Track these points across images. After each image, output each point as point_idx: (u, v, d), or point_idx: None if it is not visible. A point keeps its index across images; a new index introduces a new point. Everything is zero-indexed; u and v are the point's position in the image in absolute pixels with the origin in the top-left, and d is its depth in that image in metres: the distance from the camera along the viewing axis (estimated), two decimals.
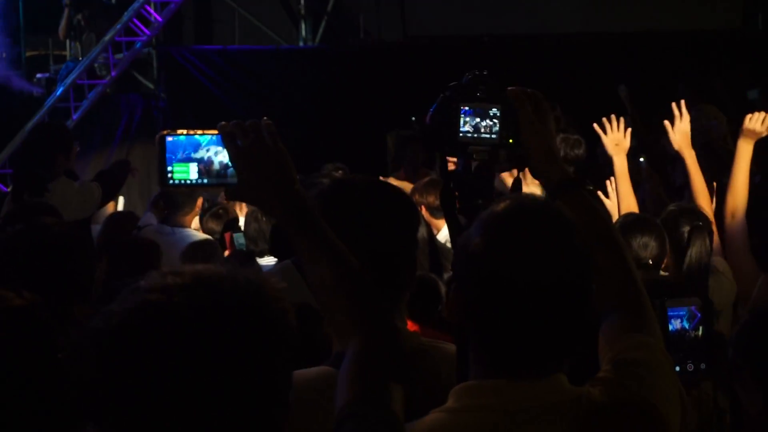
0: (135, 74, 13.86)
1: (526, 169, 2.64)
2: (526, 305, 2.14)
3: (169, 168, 2.33)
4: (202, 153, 2.33)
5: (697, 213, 5.23)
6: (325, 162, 8.58)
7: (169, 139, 2.33)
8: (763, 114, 5.50)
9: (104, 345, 1.67)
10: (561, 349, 2.21)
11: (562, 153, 6.84)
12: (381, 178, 7.57)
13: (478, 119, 2.51)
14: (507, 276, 2.13)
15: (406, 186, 7.34)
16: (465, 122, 2.51)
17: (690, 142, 5.75)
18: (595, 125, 5.94)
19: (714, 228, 5.23)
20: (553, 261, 2.15)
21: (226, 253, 6.42)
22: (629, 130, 5.93)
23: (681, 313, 3.39)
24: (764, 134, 5.53)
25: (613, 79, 11.21)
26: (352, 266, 2.20)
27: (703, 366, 3.35)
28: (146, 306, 1.67)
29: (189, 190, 2.61)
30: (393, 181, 7.71)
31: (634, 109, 11.01)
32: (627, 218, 5.10)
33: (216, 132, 2.31)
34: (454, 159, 2.58)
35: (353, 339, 2.12)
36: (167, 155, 2.32)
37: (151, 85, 13.70)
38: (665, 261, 5.00)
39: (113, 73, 13.09)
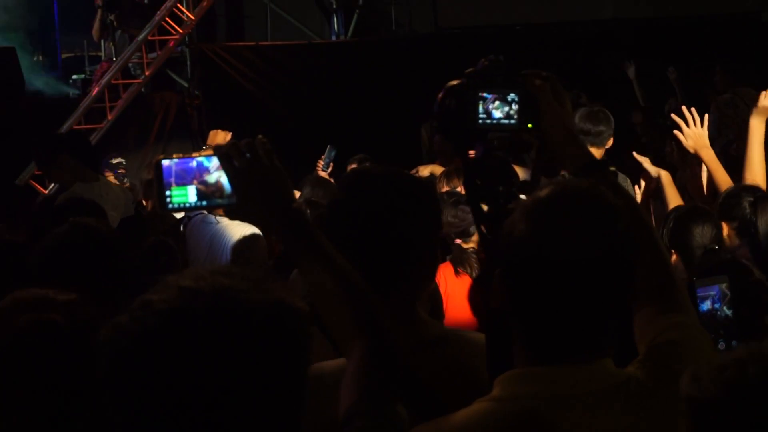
0: (169, 72, 13.91)
1: None
2: (572, 290, 2.14)
3: (168, 192, 2.34)
4: (202, 175, 2.34)
5: (756, 188, 5.21)
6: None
7: (166, 163, 2.34)
8: None
9: (111, 364, 1.69)
10: (606, 333, 2.21)
11: (580, 128, 6.77)
12: (418, 168, 7.57)
13: (496, 105, 2.51)
14: (553, 261, 2.13)
15: (435, 170, 7.33)
16: (484, 109, 2.50)
17: (707, 142, 5.71)
18: (674, 116, 5.81)
19: None
20: (599, 245, 2.14)
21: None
22: (706, 120, 5.83)
23: (712, 292, 3.37)
24: None
25: (649, 65, 11.16)
26: (352, 274, 2.23)
27: (734, 344, 3.33)
28: (155, 331, 1.67)
29: (190, 212, 2.62)
30: (427, 170, 7.66)
31: (683, 91, 10.97)
32: (681, 209, 5.09)
33: (212, 153, 2.32)
34: (472, 151, 2.58)
35: (356, 343, 2.14)
36: (167, 178, 2.34)
37: (185, 83, 13.75)
38: (730, 241, 4.98)
39: (147, 73, 13.14)
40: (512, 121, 2.52)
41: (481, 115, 2.50)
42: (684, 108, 5.76)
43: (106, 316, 1.79)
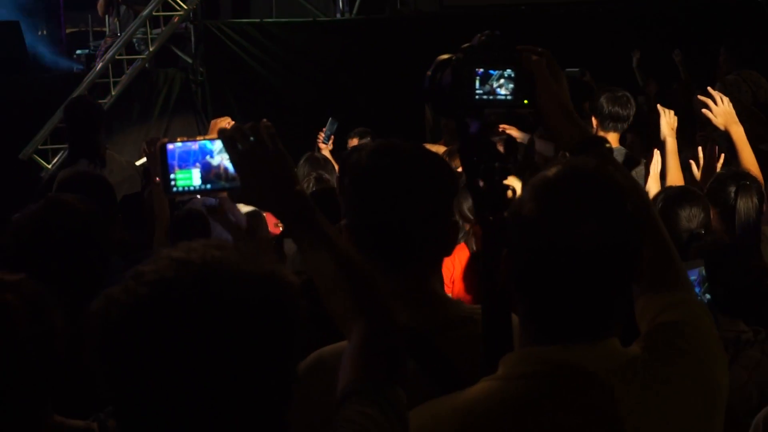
0: (173, 49, 13.89)
1: None
2: (579, 269, 2.13)
3: (172, 176, 2.35)
4: (211, 159, 2.34)
5: (746, 175, 5.19)
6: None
7: (170, 147, 2.34)
8: None
9: (102, 335, 1.69)
10: (614, 313, 2.20)
11: (610, 112, 6.76)
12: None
13: (493, 81, 2.50)
14: (561, 241, 2.13)
15: (438, 149, 7.31)
16: (480, 84, 2.50)
17: (736, 118, 5.68)
18: (701, 98, 5.80)
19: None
20: (607, 226, 2.14)
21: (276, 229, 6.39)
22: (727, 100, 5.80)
23: (692, 276, 3.37)
24: None
25: (654, 46, 11.14)
26: (353, 256, 2.24)
27: None
28: (146, 301, 1.68)
29: (192, 196, 2.63)
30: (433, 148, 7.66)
31: (688, 73, 10.96)
32: (669, 191, 5.07)
33: (216, 137, 2.32)
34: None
35: (356, 324, 2.15)
36: (171, 161, 2.34)
37: (189, 60, 13.72)
38: (715, 226, 4.98)
39: (151, 48, 13.12)
40: (508, 97, 2.51)
41: (477, 91, 2.49)
42: (709, 88, 5.75)
43: (64, 296, 1.79)
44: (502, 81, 2.50)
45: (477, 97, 2.49)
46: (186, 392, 1.66)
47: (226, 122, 7.25)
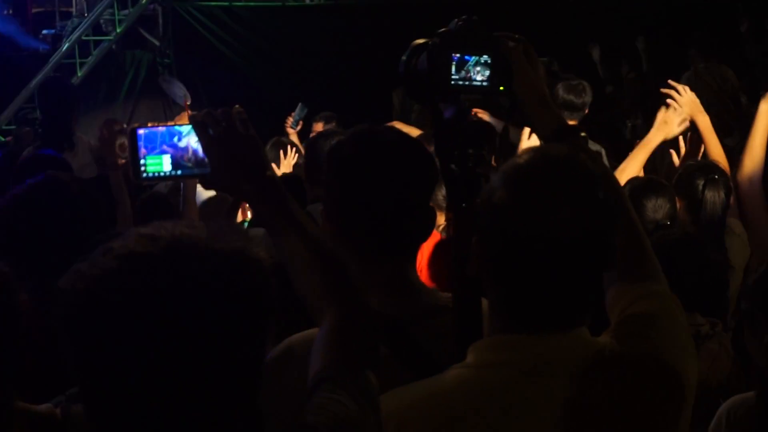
0: (141, 30, 13.81)
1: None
2: (551, 258, 2.11)
3: (142, 161, 2.33)
4: (179, 143, 2.32)
5: (714, 168, 5.19)
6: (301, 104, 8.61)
7: (141, 132, 2.32)
8: None
9: (69, 308, 1.66)
10: (584, 302, 2.19)
11: (566, 99, 6.80)
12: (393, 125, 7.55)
13: (469, 67, 2.48)
14: (532, 228, 2.11)
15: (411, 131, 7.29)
16: (456, 69, 2.47)
17: (701, 108, 5.68)
18: (665, 90, 5.78)
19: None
20: (579, 213, 2.12)
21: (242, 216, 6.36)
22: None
23: None
24: None
25: (622, 36, 11.17)
26: (325, 244, 2.23)
27: None
28: (113, 273, 1.65)
29: (163, 181, 2.61)
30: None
31: (650, 63, 10.99)
32: (635, 182, 5.06)
33: (187, 122, 2.30)
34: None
35: (328, 312, 2.13)
36: (142, 147, 2.32)
37: (156, 42, 13.66)
38: (681, 218, 4.98)
39: (118, 30, 13.05)
40: (484, 84, 2.49)
41: (453, 77, 2.47)
42: (670, 81, 5.74)
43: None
44: (478, 67, 2.48)
45: (453, 82, 2.47)
46: (152, 368, 1.63)
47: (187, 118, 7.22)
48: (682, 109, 5.61)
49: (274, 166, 7.16)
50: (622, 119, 9.58)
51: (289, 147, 7.56)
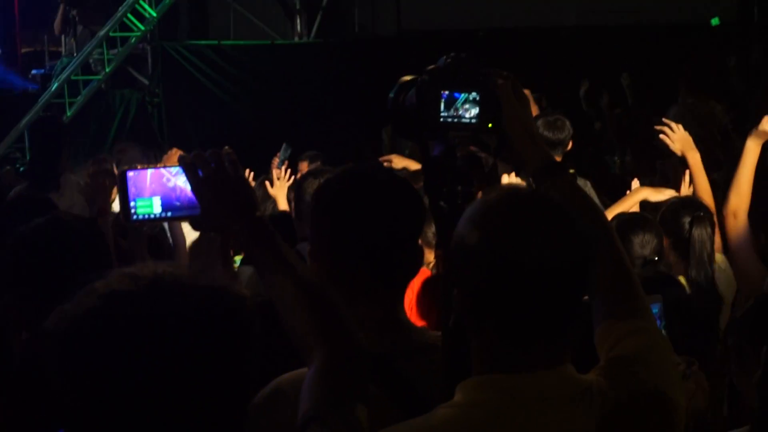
0: (130, 70, 13.84)
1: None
2: (533, 296, 2.11)
3: (132, 203, 2.33)
4: (168, 185, 2.33)
5: (698, 204, 5.20)
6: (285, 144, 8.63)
7: (131, 174, 2.32)
8: None
9: (53, 348, 1.67)
10: (566, 337, 2.18)
11: (543, 135, 6.83)
12: (392, 157, 7.56)
13: (458, 104, 2.48)
14: (510, 266, 2.10)
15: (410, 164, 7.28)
16: (445, 106, 2.48)
17: (693, 145, 5.73)
18: (658, 127, 5.85)
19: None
20: (555, 247, 2.11)
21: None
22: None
23: (653, 310, 3.36)
24: None
25: (609, 72, 11.22)
26: (314, 283, 2.23)
27: None
28: (96, 312, 1.66)
29: (153, 224, 2.62)
30: (402, 162, 7.62)
31: (635, 99, 11.04)
32: (622, 217, 5.06)
33: (176, 163, 2.30)
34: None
35: (317, 350, 2.13)
36: (131, 190, 2.32)
37: (146, 81, 13.68)
38: (668, 256, 4.98)
39: (108, 69, 13.07)
40: (473, 121, 2.49)
41: (442, 114, 2.47)
42: (664, 119, 5.80)
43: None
44: (467, 104, 2.48)
45: (441, 119, 2.48)
46: (137, 405, 1.64)
47: (180, 152, 7.22)
48: (674, 145, 5.66)
49: (267, 184, 7.19)
50: (609, 154, 9.60)
51: (281, 172, 7.57)
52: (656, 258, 4.81)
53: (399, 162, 7.47)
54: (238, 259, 6.18)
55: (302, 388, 2.09)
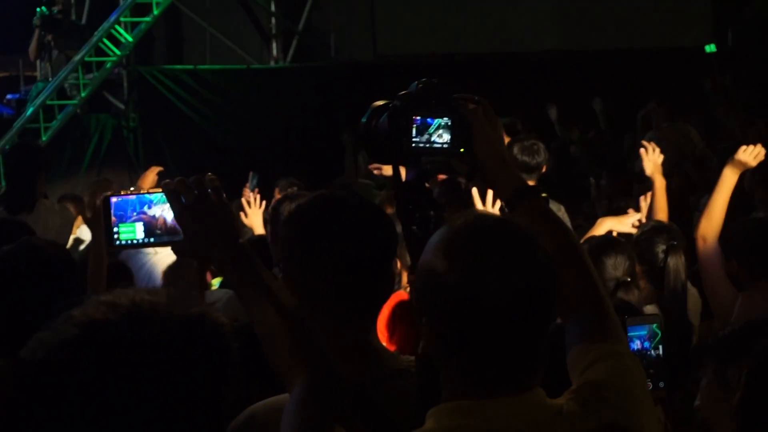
0: (105, 94, 13.83)
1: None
2: (501, 324, 2.11)
3: (115, 229, 2.33)
4: (150, 211, 2.33)
5: (673, 232, 5.22)
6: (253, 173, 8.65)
7: (114, 200, 2.32)
8: (758, 148, 5.48)
9: (29, 376, 1.67)
10: (534, 362, 2.18)
11: (520, 160, 6.85)
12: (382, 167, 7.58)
13: (430, 129, 2.49)
14: (478, 297, 2.10)
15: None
16: (417, 132, 2.48)
17: (660, 169, 5.82)
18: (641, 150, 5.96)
19: None
20: (522, 276, 2.12)
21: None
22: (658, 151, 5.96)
23: (642, 333, 3.36)
24: (752, 166, 5.52)
25: (584, 97, 11.27)
26: (295, 308, 2.24)
27: (661, 384, 3.33)
28: (73, 341, 1.66)
29: (137, 248, 2.62)
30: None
31: (607, 123, 11.09)
32: (593, 240, 5.06)
33: (160, 190, 2.30)
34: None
35: (298, 376, 2.14)
36: (115, 215, 2.32)
37: (121, 105, 13.67)
38: (641, 285, 4.97)
39: (83, 94, 13.05)
40: (445, 146, 2.50)
41: (414, 139, 2.48)
42: (643, 141, 5.88)
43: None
44: (439, 129, 2.49)
45: (414, 144, 2.48)
46: (112, 429, 1.64)
47: (157, 170, 7.21)
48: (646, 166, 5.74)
49: (242, 215, 7.19)
50: (585, 177, 9.63)
51: (252, 198, 7.57)
52: (629, 279, 4.81)
53: (388, 170, 7.48)
54: (216, 282, 6.18)
55: (284, 413, 2.09)
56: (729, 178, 5.35)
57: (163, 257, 6.68)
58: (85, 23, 13.86)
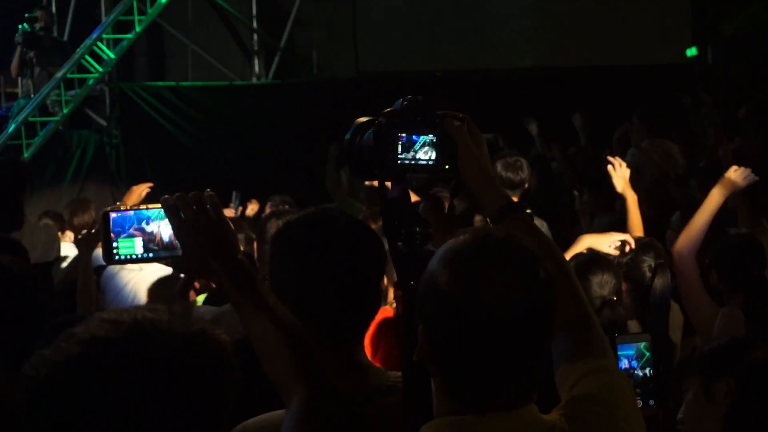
0: (87, 111, 13.81)
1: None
2: (498, 341, 2.13)
3: (115, 244, 2.34)
4: (148, 227, 2.34)
5: (658, 249, 5.23)
6: (236, 192, 8.66)
7: (113, 215, 2.33)
8: (748, 170, 5.45)
9: (32, 394, 1.69)
10: (531, 380, 2.20)
11: (504, 177, 6.88)
12: None
13: (415, 145, 2.51)
14: (478, 313, 2.12)
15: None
16: (403, 149, 2.50)
17: (629, 185, 5.85)
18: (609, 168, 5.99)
19: None
20: (522, 293, 2.14)
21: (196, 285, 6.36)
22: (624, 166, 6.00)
23: (630, 352, 3.38)
24: (741, 187, 5.49)
25: (564, 113, 11.30)
26: (294, 323, 2.25)
27: (651, 402, 3.35)
28: (77, 358, 1.68)
29: (136, 263, 2.63)
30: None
31: (588, 139, 11.11)
32: (580, 257, 5.07)
33: (159, 206, 2.32)
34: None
35: (296, 390, 2.16)
36: (114, 230, 2.34)
37: (103, 122, 13.66)
38: (625, 301, 4.99)
39: (65, 110, 13.04)
40: (430, 162, 2.52)
41: (399, 155, 2.50)
42: (609, 157, 5.91)
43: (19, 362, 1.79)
44: (424, 146, 2.51)
45: (399, 161, 2.50)
46: None
47: (147, 187, 7.22)
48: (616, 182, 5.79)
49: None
50: (568, 193, 9.65)
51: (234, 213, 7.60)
52: (615, 298, 4.82)
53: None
54: (200, 299, 6.18)
55: (282, 428, 2.11)
56: (716, 198, 5.33)
57: (147, 275, 6.70)
58: (67, 40, 13.85)
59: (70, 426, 1.66)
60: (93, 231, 5.91)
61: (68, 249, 7.52)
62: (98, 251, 7.18)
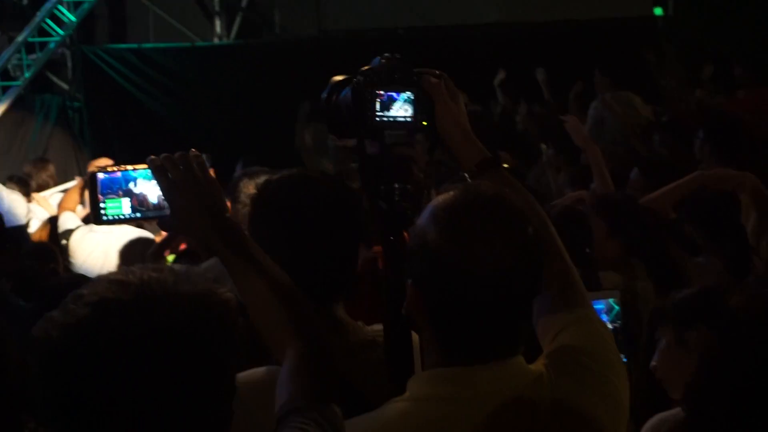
0: (49, 75, 13.72)
1: None
2: (487, 295, 2.14)
3: (102, 204, 2.35)
4: (136, 187, 2.35)
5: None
6: (242, 157, 8.59)
7: (101, 176, 2.34)
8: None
9: (45, 356, 1.71)
10: (518, 332, 2.23)
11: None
12: None
13: (393, 103, 2.53)
14: (467, 268, 2.14)
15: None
16: (381, 106, 2.52)
17: (590, 139, 5.90)
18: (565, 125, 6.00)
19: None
20: (511, 250, 2.16)
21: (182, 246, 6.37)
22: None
23: (599, 306, 3.42)
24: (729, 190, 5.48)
25: (530, 69, 11.30)
26: (285, 280, 2.27)
27: (624, 359, 3.40)
28: (86, 320, 1.70)
29: (123, 224, 2.63)
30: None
31: (550, 93, 11.13)
32: (555, 210, 5.10)
33: (145, 166, 2.33)
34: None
35: (291, 346, 2.17)
36: (103, 191, 2.34)
37: (65, 86, 13.58)
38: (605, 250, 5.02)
39: (27, 75, 12.95)
40: (408, 119, 2.54)
41: (377, 113, 2.51)
42: (562, 117, 5.95)
43: None
44: (402, 103, 2.53)
45: (377, 119, 2.52)
46: (126, 411, 1.68)
47: (104, 162, 7.22)
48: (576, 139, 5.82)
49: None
50: (534, 148, 9.67)
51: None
52: (587, 250, 4.86)
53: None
54: (171, 258, 6.19)
55: (278, 381, 2.12)
56: (690, 181, 5.35)
57: (116, 237, 6.70)
58: (27, 3, 13.72)
59: (83, 388, 1.68)
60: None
61: (71, 220, 7.52)
62: (66, 215, 7.22)
